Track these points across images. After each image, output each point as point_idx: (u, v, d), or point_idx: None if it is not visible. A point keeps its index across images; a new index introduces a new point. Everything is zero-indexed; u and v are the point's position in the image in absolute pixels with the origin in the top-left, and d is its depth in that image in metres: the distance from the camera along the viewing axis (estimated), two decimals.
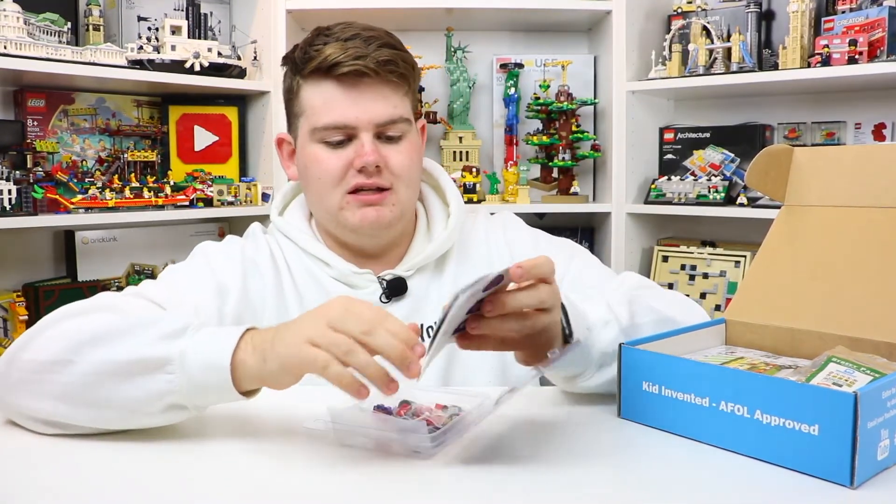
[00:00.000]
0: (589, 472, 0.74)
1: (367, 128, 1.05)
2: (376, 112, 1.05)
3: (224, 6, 2.40)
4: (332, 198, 1.08)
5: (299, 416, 0.81)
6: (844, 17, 2.02)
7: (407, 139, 1.09)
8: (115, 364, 0.78)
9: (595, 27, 2.49)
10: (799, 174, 1.02)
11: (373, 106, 1.05)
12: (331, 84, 1.05)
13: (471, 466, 0.74)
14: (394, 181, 1.07)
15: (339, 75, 1.03)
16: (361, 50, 1.03)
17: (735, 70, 2.17)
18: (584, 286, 1.11)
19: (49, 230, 2.11)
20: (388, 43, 1.06)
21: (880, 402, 0.69)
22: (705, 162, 2.35)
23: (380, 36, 1.06)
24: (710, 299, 2.27)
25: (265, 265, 1.12)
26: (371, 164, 1.05)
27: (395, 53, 1.06)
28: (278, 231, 1.16)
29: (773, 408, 0.72)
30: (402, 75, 1.07)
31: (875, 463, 0.69)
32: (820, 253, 0.96)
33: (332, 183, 1.07)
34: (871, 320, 0.88)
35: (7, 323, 1.96)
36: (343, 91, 1.04)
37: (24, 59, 1.81)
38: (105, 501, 0.69)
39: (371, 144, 1.05)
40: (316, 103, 1.06)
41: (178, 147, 2.31)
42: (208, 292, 1.05)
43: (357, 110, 1.05)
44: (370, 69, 1.03)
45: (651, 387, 0.83)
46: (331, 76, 1.04)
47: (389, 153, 1.07)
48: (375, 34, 1.06)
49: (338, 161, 1.06)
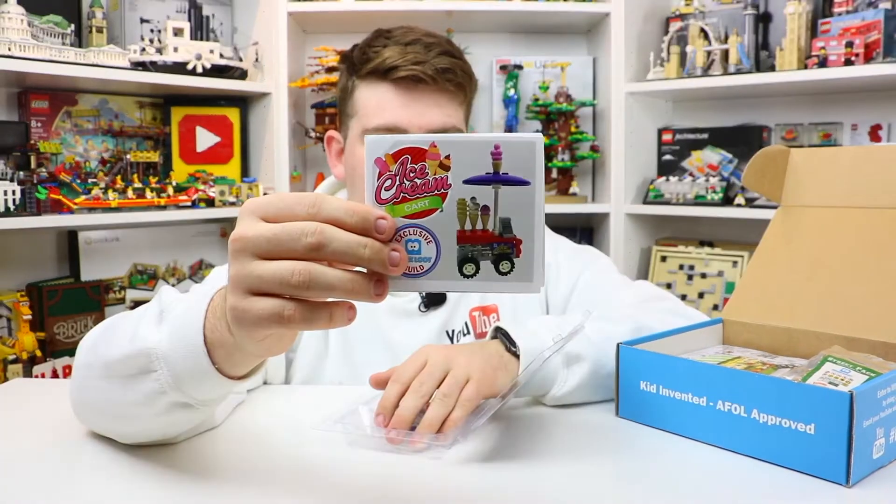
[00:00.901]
0: (587, 471, 0.74)
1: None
2: (430, 119, 1.04)
3: (226, 8, 2.41)
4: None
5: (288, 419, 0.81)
6: (841, 20, 2.03)
7: None
8: (110, 364, 0.70)
9: (594, 29, 2.50)
10: (796, 175, 1.02)
11: (427, 112, 1.04)
12: (387, 87, 1.03)
13: (469, 466, 0.74)
14: None
15: (395, 79, 1.02)
16: (421, 56, 1.02)
17: (733, 72, 2.18)
18: (593, 296, 1.11)
19: (52, 230, 2.12)
20: (447, 51, 1.05)
21: (876, 402, 0.69)
22: (703, 163, 2.36)
23: (440, 43, 1.05)
24: (708, 299, 2.29)
25: None
26: None
27: (455, 62, 1.04)
28: None
29: (769, 407, 0.73)
30: (459, 84, 1.06)
31: (871, 462, 0.70)
32: (816, 253, 0.97)
33: None
34: (867, 320, 0.88)
35: (11, 322, 1.97)
36: (398, 95, 1.03)
37: (28, 60, 1.82)
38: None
39: None
40: (370, 104, 1.05)
41: (180, 148, 2.32)
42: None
43: (410, 114, 1.03)
44: (428, 76, 1.01)
45: (649, 386, 0.83)
46: (387, 79, 1.03)
47: None
48: (436, 41, 1.05)
49: None
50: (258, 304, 0.54)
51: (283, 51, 2.25)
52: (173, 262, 2.31)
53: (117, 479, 0.72)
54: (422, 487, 0.70)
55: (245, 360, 0.63)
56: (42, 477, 0.73)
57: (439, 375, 0.79)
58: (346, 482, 0.71)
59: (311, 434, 0.80)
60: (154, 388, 0.66)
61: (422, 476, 0.72)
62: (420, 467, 0.74)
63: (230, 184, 2.26)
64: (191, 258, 2.36)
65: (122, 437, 0.77)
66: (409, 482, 0.71)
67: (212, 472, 0.74)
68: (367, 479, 0.72)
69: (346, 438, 0.79)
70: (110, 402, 0.73)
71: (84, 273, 2.12)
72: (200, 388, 0.66)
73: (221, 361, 0.63)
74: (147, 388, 0.67)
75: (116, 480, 0.72)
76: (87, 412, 0.79)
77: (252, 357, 0.63)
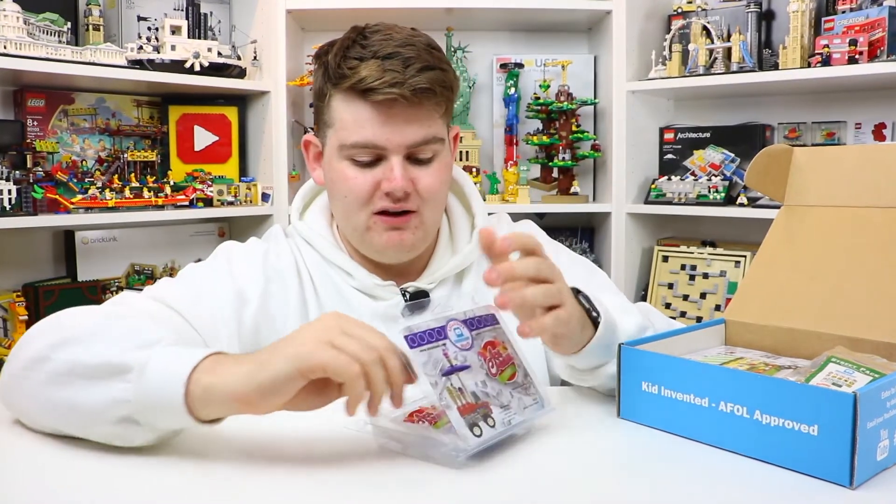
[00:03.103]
0: (588, 472, 0.74)
1: (398, 150, 1.01)
2: (408, 135, 1.01)
3: (224, 6, 2.40)
4: (358, 218, 1.05)
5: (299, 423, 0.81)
6: (844, 17, 2.02)
7: (438, 160, 1.05)
8: (83, 366, 0.75)
9: (595, 27, 2.49)
10: (799, 174, 1.02)
11: (405, 129, 1.01)
12: (364, 105, 1.00)
13: (469, 465, 0.74)
14: (420, 204, 1.04)
15: (373, 100, 0.99)
16: (399, 76, 0.97)
17: (735, 70, 2.17)
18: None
19: (49, 230, 2.11)
20: (427, 65, 1.00)
21: (880, 403, 0.69)
22: (705, 162, 2.35)
23: (419, 55, 1.00)
24: (710, 299, 2.27)
25: (288, 273, 1.09)
26: (399, 191, 1.01)
27: (434, 78, 1.00)
28: (300, 236, 1.13)
29: (772, 408, 0.72)
30: (437, 102, 1.03)
31: (874, 463, 0.69)
32: (819, 253, 0.96)
33: (359, 204, 1.04)
34: (870, 320, 0.88)
35: (7, 323, 1.96)
36: (376, 114, 1.00)
37: (24, 58, 1.81)
38: None
39: (400, 169, 1.01)
40: (346, 119, 1.02)
41: (177, 147, 2.31)
42: (227, 297, 1.03)
43: (388, 132, 1.00)
44: (405, 97, 0.98)
45: (650, 387, 0.83)
46: (365, 99, 1.00)
47: (419, 175, 1.03)
48: (415, 53, 1.00)
49: (365, 182, 1.02)
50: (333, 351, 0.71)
51: (281, 49, 2.24)
52: (171, 261, 2.30)
53: (117, 478, 0.72)
54: (421, 487, 0.70)
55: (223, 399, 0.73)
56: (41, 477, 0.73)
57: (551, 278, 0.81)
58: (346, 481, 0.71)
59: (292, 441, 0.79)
60: (116, 396, 0.73)
61: (419, 474, 0.72)
62: (420, 466, 0.74)
63: (228, 183, 2.26)
64: (188, 258, 2.35)
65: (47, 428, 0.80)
66: (408, 481, 0.71)
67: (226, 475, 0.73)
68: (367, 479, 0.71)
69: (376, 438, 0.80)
70: (59, 398, 0.77)
71: (81, 273, 2.11)
72: (159, 417, 0.74)
73: (191, 403, 0.72)
74: (108, 395, 0.73)
75: (117, 480, 0.72)
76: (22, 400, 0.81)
77: (231, 399, 0.72)
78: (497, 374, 0.80)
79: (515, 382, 0.81)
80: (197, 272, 1.07)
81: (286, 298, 1.07)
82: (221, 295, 1.03)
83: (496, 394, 0.78)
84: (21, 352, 0.82)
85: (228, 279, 1.05)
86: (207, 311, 1.00)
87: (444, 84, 1.02)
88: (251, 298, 1.05)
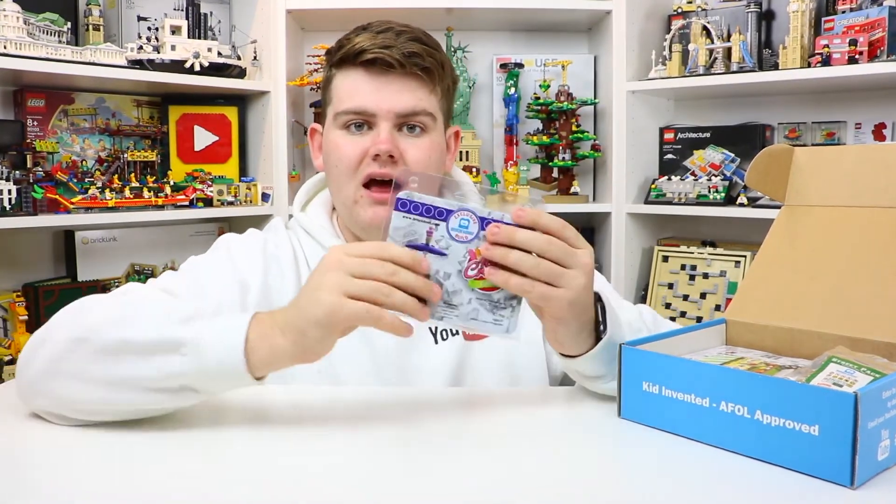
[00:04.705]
0: (589, 472, 0.74)
1: (387, 116, 1.05)
2: (398, 102, 1.05)
3: (224, 6, 2.40)
4: (347, 188, 1.08)
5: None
6: (844, 17, 2.02)
7: (428, 135, 1.08)
8: (131, 342, 0.78)
9: (595, 27, 2.49)
10: (799, 174, 1.01)
11: (395, 96, 1.05)
12: (358, 72, 1.06)
13: (470, 465, 0.74)
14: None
15: (365, 63, 1.04)
16: (390, 41, 1.04)
17: (735, 70, 2.17)
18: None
19: (49, 230, 2.11)
20: (418, 38, 1.07)
21: (881, 403, 0.69)
22: (705, 162, 2.35)
23: (412, 31, 1.07)
24: (711, 299, 2.27)
25: (286, 261, 1.11)
26: (385, 153, 1.04)
27: (424, 48, 1.06)
28: (299, 227, 1.16)
29: (773, 408, 0.72)
30: (427, 70, 1.07)
31: (875, 463, 0.69)
32: (820, 253, 0.96)
33: (349, 171, 1.07)
34: (871, 320, 0.87)
35: (7, 323, 1.96)
36: (369, 80, 1.05)
37: (24, 58, 1.81)
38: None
39: (388, 133, 1.05)
40: (342, 90, 1.08)
41: (177, 147, 2.31)
42: (230, 286, 1.05)
43: (378, 98, 1.05)
44: (395, 59, 1.03)
45: (651, 387, 0.83)
46: (358, 64, 1.05)
47: (407, 146, 1.07)
48: (409, 30, 1.07)
49: (354, 147, 1.06)
50: (354, 304, 0.74)
51: (281, 49, 2.24)
52: (171, 261, 2.30)
53: (117, 478, 0.72)
54: (418, 485, 0.70)
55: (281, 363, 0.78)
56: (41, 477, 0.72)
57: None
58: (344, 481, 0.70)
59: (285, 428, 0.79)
60: (175, 370, 0.77)
61: (418, 474, 0.72)
62: (420, 466, 0.74)
63: (228, 183, 2.26)
64: (188, 258, 2.35)
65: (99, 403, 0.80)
66: (404, 479, 0.71)
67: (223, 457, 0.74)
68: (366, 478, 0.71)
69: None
70: (110, 374, 0.78)
71: (81, 273, 2.11)
72: (219, 383, 0.80)
73: (256, 362, 0.77)
74: (167, 368, 0.77)
75: (117, 479, 0.71)
76: (63, 381, 0.80)
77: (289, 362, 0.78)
78: (475, 277, 0.78)
79: (488, 295, 0.79)
80: (199, 264, 1.09)
81: (285, 286, 1.09)
82: (225, 284, 1.05)
83: (452, 290, 0.78)
84: (51, 339, 0.82)
85: (230, 268, 1.07)
86: (214, 302, 1.01)
87: (433, 57, 1.07)
88: (252, 285, 1.06)
